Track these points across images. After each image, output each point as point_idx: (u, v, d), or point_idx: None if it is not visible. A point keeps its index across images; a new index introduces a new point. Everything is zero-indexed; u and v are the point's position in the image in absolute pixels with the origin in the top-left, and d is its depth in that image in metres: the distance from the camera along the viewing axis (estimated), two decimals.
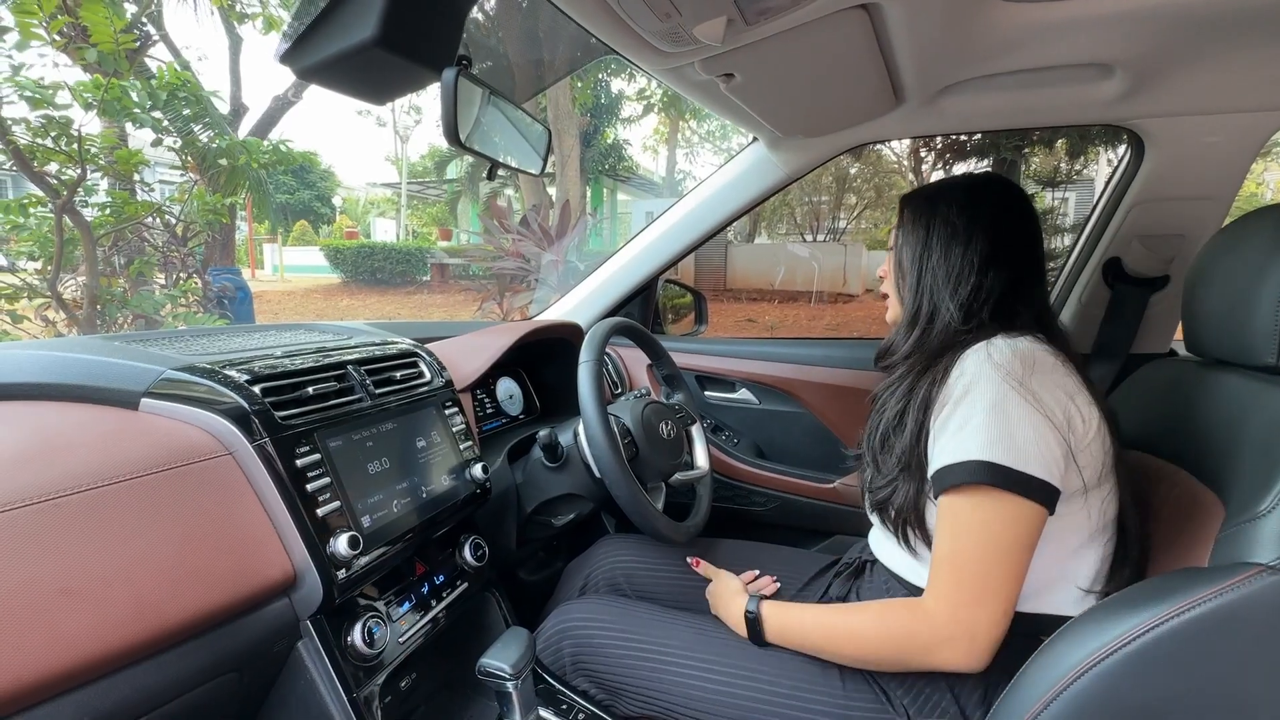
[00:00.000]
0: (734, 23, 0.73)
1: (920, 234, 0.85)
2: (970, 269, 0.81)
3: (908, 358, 0.83)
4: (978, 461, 0.67)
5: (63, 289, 3.08)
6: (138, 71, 3.54)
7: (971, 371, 0.71)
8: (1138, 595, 0.56)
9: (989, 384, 0.69)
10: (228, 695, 0.65)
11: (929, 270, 0.83)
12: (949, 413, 0.72)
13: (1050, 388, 0.70)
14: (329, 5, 0.57)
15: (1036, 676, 0.57)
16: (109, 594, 0.52)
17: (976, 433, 0.68)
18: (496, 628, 1.01)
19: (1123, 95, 1.07)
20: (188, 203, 3.80)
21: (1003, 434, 0.67)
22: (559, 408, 1.44)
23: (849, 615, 0.78)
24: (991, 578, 0.67)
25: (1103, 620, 0.56)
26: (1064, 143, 8.35)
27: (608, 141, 13.91)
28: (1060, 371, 0.72)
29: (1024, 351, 0.72)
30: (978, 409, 0.69)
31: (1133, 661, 0.52)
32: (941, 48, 0.94)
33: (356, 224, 20.16)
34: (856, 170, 12.58)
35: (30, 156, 2.85)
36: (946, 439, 0.71)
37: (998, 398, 0.68)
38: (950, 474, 0.69)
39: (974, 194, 0.84)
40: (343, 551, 0.70)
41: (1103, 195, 1.38)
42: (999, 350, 0.72)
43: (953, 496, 0.70)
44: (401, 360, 0.96)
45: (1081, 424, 0.71)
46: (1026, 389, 0.68)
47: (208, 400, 0.69)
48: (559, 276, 5.47)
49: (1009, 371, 0.69)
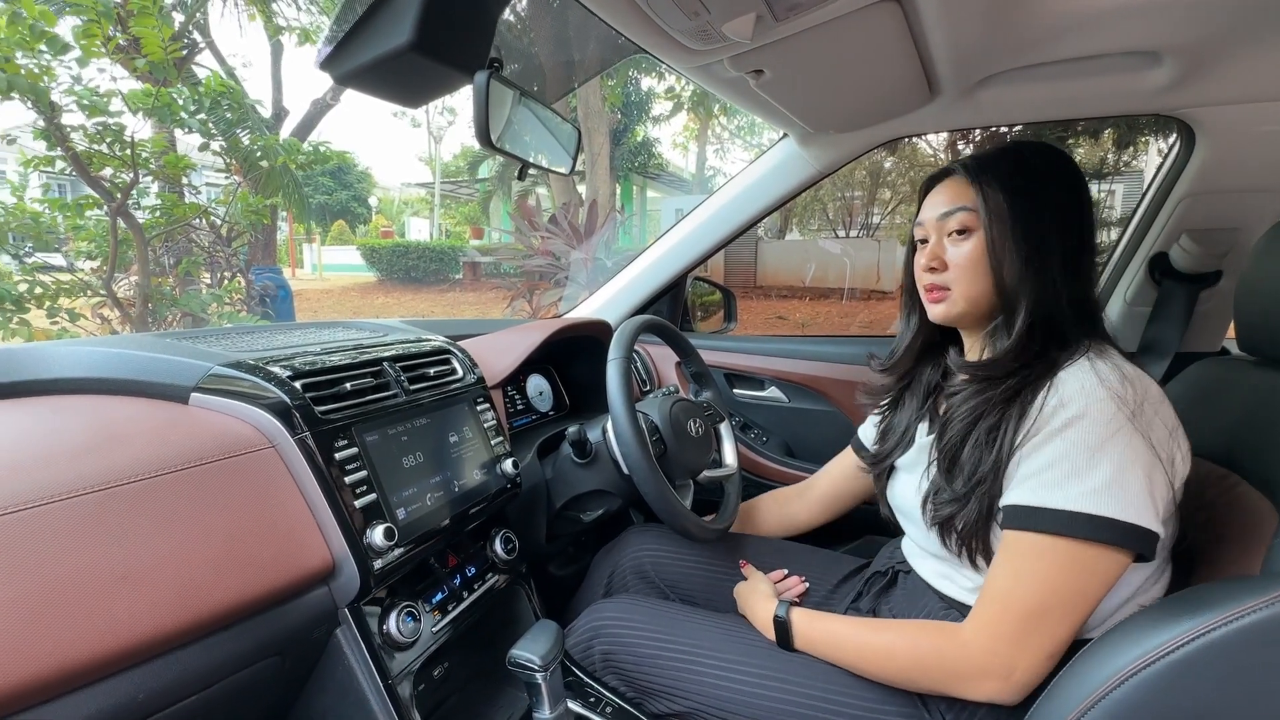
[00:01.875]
0: (763, 19, 0.73)
1: (1026, 211, 0.70)
2: (1088, 264, 0.70)
3: (1004, 371, 0.71)
4: (1073, 512, 0.60)
5: (116, 288, 3.23)
6: (185, 79, 3.68)
7: (1077, 398, 0.62)
8: (1183, 602, 0.54)
9: (1101, 417, 0.61)
10: (270, 678, 0.68)
11: (1047, 263, 0.69)
12: (1041, 442, 0.64)
13: (1159, 423, 0.62)
14: (365, 13, 0.59)
15: (1075, 683, 0.56)
16: (162, 578, 0.55)
17: (1078, 476, 0.60)
18: (526, 620, 1.03)
19: (1171, 84, 1.03)
20: (232, 204, 3.94)
21: (1114, 481, 0.59)
22: (588, 404, 1.45)
23: (881, 633, 0.75)
24: (1045, 623, 0.62)
25: (1146, 627, 0.54)
26: (1111, 132, 8.04)
27: (638, 139, 13.92)
28: (1165, 403, 0.65)
29: (1133, 377, 0.64)
30: (1083, 447, 0.61)
31: (1177, 670, 0.50)
32: (978, 39, 0.92)
33: (392, 223, 20.59)
34: (891, 164, 12.33)
35: (87, 161, 2.99)
36: (1034, 473, 0.64)
37: (1110, 435, 0.60)
38: (1033, 517, 0.62)
39: (1073, 171, 0.73)
40: (379, 542, 0.72)
41: (1149, 188, 1.33)
42: (1107, 374, 0.63)
43: (1027, 537, 0.63)
44: (435, 357, 0.98)
45: (1181, 462, 0.64)
46: (1140, 425, 0.61)
47: (252, 395, 0.72)
48: (588, 274, 5.51)
49: (1123, 401, 0.61)
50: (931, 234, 0.79)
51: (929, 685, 0.70)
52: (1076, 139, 8.60)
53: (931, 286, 0.79)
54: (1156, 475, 0.61)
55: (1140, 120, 6.59)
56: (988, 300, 0.75)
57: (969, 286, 0.75)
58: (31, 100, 2.69)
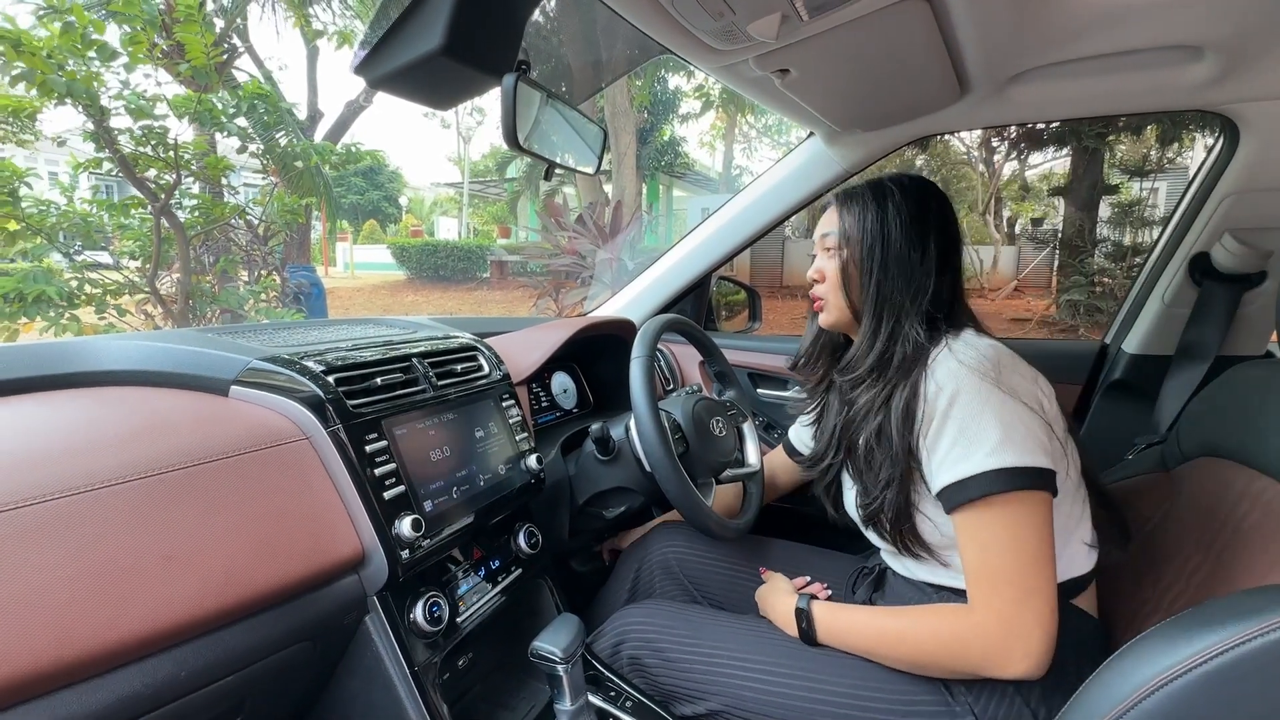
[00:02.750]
0: (789, 19, 0.73)
1: (872, 236, 0.83)
2: (928, 275, 0.81)
3: (873, 372, 0.82)
4: (986, 472, 0.68)
5: (159, 285, 3.35)
6: (224, 82, 3.80)
7: (948, 382, 0.72)
8: (1217, 611, 0.53)
9: (971, 390, 0.70)
10: (303, 662, 0.70)
11: (890, 278, 0.82)
12: (937, 428, 0.72)
13: (1019, 378, 0.73)
14: (398, 20, 0.60)
15: (1103, 691, 0.55)
16: (205, 562, 0.58)
17: (976, 442, 0.69)
18: (548, 614, 1.04)
19: (1213, 79, 1.00)
20: (268, 204, 4.06)
21: (1002, 436, 0.68)
22: (612, 402, 1.46)
23: (901, 619, 0.77)
24: (1029, 578, 0.68)
25: (1175, 636, 0.53)
26: (1154, 128, 7.77)
27: (664, 138, 13.90)
28: (1018, 360, 0.76)
29: (986, 349, 0.74)
30: (969, 418, 0.70)
31: (1211, 681, 0.49)
32: (1010, 35, 0.90)
33: (421, 223, 20.94)
34: (922, 162, 12.10)
35: (132, 163, 3.11)
36: (944, 456, 0.71)
37: (983, 401, 0.70)
38: (962, 490, 0.70)
39: (919, 193, 0.84)
40: (406, 533, 0.74)
41: (1190, 185, 1.29)
42: (965, 353, 0.73)
43: (969, 511, 0.70)
44: (462, 354, 1.00)
45: (1048, 402, 0.74)
46: (1005, 385, 0.71)
47: (288, 388, 0.75)
48: (613, 273, 5.53)
49: (984, 373, 0.71)
50: (817, 250, 0.93)
51: (953, 668, 0.72)
52: (1118, 135, 8.34)
53: (814, 297, 0.93)
54: (1032, 421, 0.70)
55: (1185, 114, 6.37)
56: (852, 310, 0.87)
57: (835, 298, 0.89)
58: (83, 104, 2.81)
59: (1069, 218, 8.37)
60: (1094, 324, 7.48)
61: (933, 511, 0.77)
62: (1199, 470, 0.88)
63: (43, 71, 2.64)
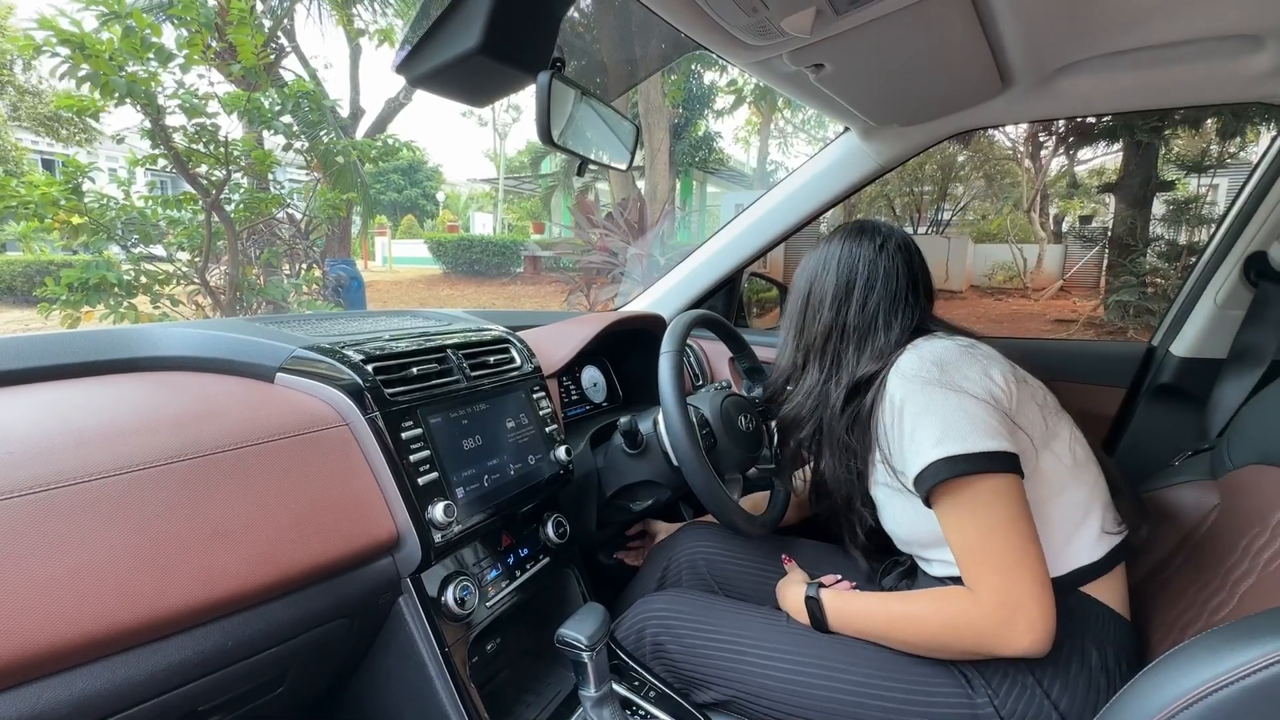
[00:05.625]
0: (823, 13, 0.72)
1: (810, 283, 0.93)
2: (869, 323, 0.87)
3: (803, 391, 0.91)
4: (935, 461, 0.72)
5: (209, 277, 3.49)
6: (273, 81, 3.93)
7: (897, 388, 0.78)
8: (1263, 623, 0.51)
9: (912, 394, 0.76)
10: (341, 638, 0.73)
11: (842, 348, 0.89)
12: (894, 434, 0.78)
13: (964, 374, 0.76)
14: (437, 20, 0.62)
15: (1137, 703, 0.53)
16: (251, 539, 0.61)
17: (922, 439, 0.74)
18: (575, 603, 1.06)
19: (1274, 70, 0.95)
20: (311, 199, 4.18)
21: (943, 428, 0.73)
22: (641, 396, 1.47)
23: (908, 603, 0.79)
24: (1010, 550, 0.70)
25: (1218, 648, 0.51)
26: (1215, 120, 7.39)
27: (698, 134, 13.82)
28: (968, 357, 0.78)
29: (928, 353, 0.79)
30: (918, 415, 0.75)
31: (1251, 696, 0.47)
32: (1055, 26, 0.88)
33: (457, 218, 21.27)
34: (965, 157, 11.77)
35: (186, 159, 3.25)
36: (902, 456, 0.77)
37: (924, 401, 0.75)
38: (920, 483, 0.74)
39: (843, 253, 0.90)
40: (439, 518, 0.76)
41: (1247, 182, 1.23)
42: (907, 364, 0.79)
43: (937, 503, 0.74)
44: (495, 346, 1.03)
45: (1004, 394, 0.76)
46: (945, 383, 0.75)
47: (330, 376, 0.78)
48: (643, 270, 5.54)
49: (924, 377, 0.76)
50: None
51: (961, 647, 0.73)
52: (1174, 128, 7.96)
53: None
54: (978, 410, 0.73)
55: (1246, 107, 6.04)
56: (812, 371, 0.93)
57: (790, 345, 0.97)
58: (141, 103, 2.94)
59: (1120, 215, 8.03)
60: (1144, 326, 7.17)
61: (904, 502, 0.81)
62: (1249, 478, 0.85)
63: (105, 73, 2.77)
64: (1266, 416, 0.87)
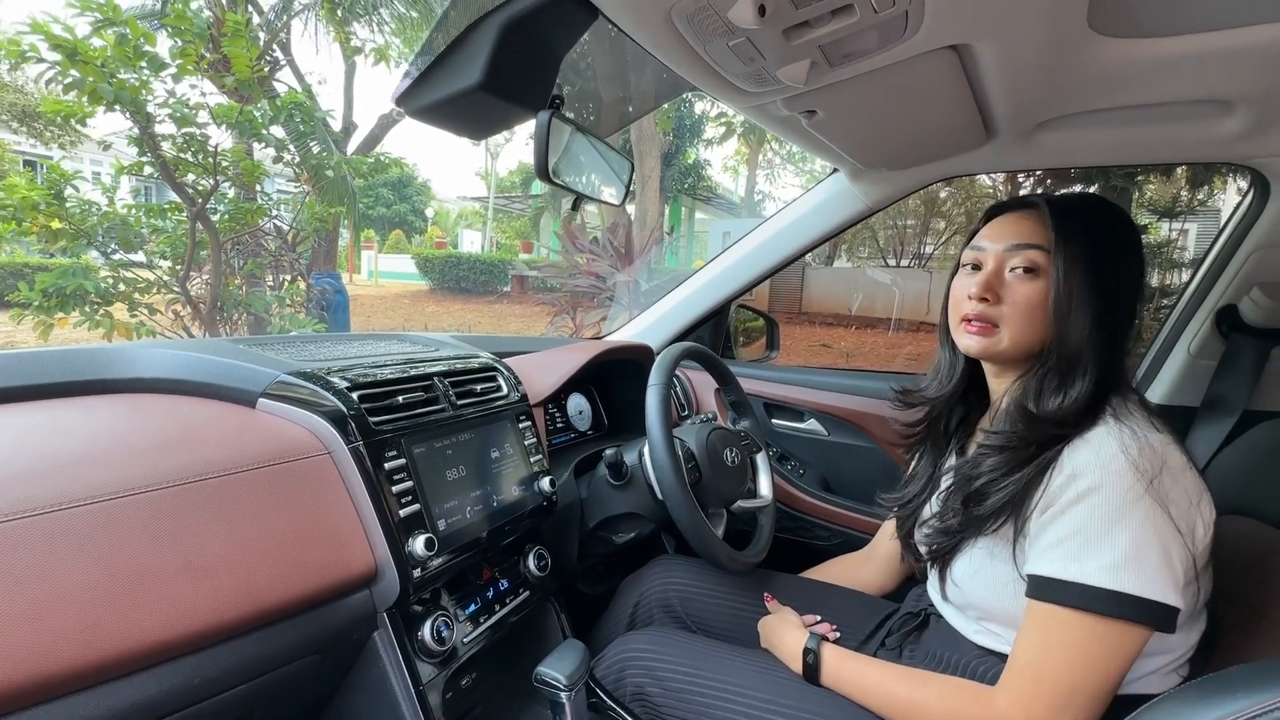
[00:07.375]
0: (817, 65, 0.74)
1: (1105, 264, 0.68)
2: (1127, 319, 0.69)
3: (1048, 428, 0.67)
4: (1095, 588, 0.59)
5: (190, 286, 3.43)
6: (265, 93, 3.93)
7: (1094, 468, 0.61)
8: (1243, 676, 0.51)
9: (1118, 488, 0.60)
10: (310, 675, 0.71)
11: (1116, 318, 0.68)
12: (1061, 509, 0.63)
13: (1180, 493, 0.61)
14: (440, 55, 0.63)
15: None
16: (225, 571, 0.59)
17: (1097, 549, 0.59)
18: (554, 638, 1.04)
19: (1245, 133, 1.00)
20: (299, 211, 4.16)
21: (1132, 555, 0.58)
22: (627, 426, 1.47)
23: (913, 687, 0.74)
24: (1078, 694, 0.61)
25: (1195, 702, 0.51)
26: (1185, 170, 7.69)
27: (688, 161, 14.04)
28: (1188, 471, 0.64)
29: (1157, 445, 0.62)
30: (1099, 517, 0.60)
31: None
32: (1037, 85, 0.91)
33: (446, 235, 21.25)
34: (947, 194, 12.06)
35: (173, 168, 3.22)
36: (1055, 542, 0.63)
37: (1126, 507, 0.59)
38: (1054, 589, 0.62)
39: (1137, 233, 0.72)
40: (419, 551, 0.75)
41: (1219, 237, 1.28)
42: (1132, 442, 0.61)
43: (1053, 608, 0.62)
44: (482, 374, 1.02)
45: (1203, 531, 0.63)
46: (1159, 496, 0.59)
47: (313, 403, 0.77)
48: (630, 296, 5.57)
49: (1142, 472, 0.60)
50: (990, 263, 0.74)
51: None
52: (1147, 175, 8.25)
53: (978, 317, 0.74)
54: (1175, 547, 0.60)
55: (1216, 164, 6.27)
56: (1038, 348, 0.71)
57: (1023, 331, 0.71)
58: (130, 111, 2.92)
59: None
60: None
61: (1006, 574, 0.69)
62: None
63: (95, 79, 2.75)
64: (1238, 467, 0.89)
